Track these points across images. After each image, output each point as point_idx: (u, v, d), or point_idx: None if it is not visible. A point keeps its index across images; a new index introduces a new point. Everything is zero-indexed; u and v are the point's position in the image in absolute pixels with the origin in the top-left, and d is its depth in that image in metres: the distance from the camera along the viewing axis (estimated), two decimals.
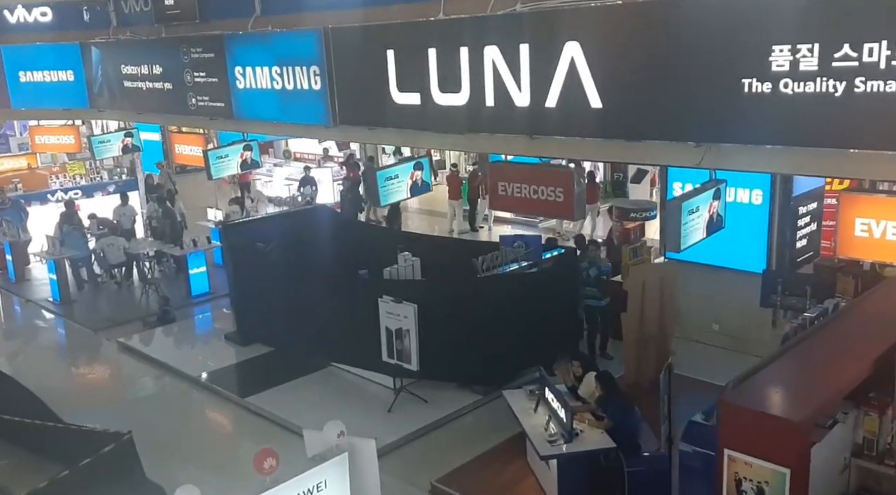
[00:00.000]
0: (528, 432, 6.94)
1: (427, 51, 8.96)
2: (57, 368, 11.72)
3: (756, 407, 4.77)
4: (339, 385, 10.02)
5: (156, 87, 13.71)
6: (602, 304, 10.14)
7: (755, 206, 9.84)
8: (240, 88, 11.87)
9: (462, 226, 18.75)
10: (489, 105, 8.53)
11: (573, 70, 7.63)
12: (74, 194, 18.16)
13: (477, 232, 18.67)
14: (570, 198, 8.22)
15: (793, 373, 5.35)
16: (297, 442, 8.69)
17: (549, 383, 7.23)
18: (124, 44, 14.41)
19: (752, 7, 6.28)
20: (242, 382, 10.38)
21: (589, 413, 6.94)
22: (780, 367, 5.38)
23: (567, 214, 8.87)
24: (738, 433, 4.71)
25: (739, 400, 4.88)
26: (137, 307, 13.65)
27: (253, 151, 13.22)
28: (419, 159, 10.55)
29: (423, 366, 8.94)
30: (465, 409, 9.16)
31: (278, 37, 11.05)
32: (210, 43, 12.16)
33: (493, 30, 8.33)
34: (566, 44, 7.61)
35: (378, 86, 9.61)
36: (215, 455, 8.75)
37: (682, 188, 10.61)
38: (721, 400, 4.90)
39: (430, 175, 11.07)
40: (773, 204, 9.83)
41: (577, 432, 6.67)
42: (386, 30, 9.54)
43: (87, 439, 7.49)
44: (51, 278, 14.34)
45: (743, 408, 4.79)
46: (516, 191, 8.96)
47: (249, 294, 11.66)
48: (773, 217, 9.89)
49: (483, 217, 18.98)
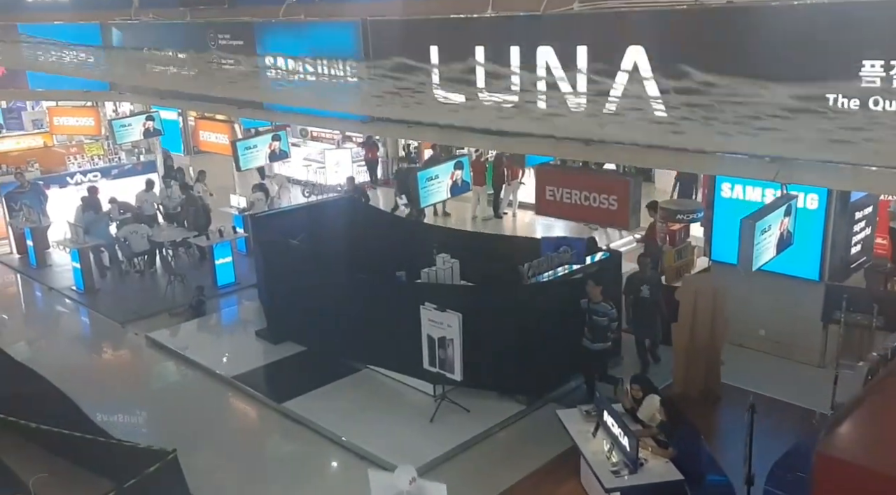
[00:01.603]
0: (589, 459, 6.69)
1: (474, 48, 8.56)
2: (85, 365, 11.50)
3: (859, 461, 4.49)
4: (376, 390, 9.79)
5: (181, 73, 13.30)
6: (595, 347, 8.92)
7: (810, 211, 9.47)
8: (270, 78, 11.47)
9: (486, 212, 18.44)
10: (541, 107, 8.16)
11: (636, 75, 7.25)
12: (94, 176, 17.89)
13: (501, 218, 18.37)
14: (626, 206, 7.89)
15: (892, 418, 5.04)
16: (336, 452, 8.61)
17: (608, 406, 6.97)
18: (147, 26, 13.98)
19: (842, 18, 5.87)
20: (277, 385, 10.16)
21: (651, 439, 6.68)
22: (874, 409, 5.07)
23: (622, 224, 8.54)
24: (839, 490, 4.44)
25: (838, 451, 4.60)
26: (163, 298, 13.41)
27: (282, 141, 12.86)
28: (459, 158, 10.20)
29: (465, 373, 8.72)
30: (509, 421, 8.93)
31: (312, 27, 10.63)
32: (240, 30, 11.73)
33: (547, 29, 7.92)
34: (629, 48, 7.21)
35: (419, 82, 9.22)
36: (258, 468, 8.54)
37: (730, 189, 10.28)
38: (819, 453, 4.62)
39: (470, 174, 10.71)
40: (830, 209, 9.47)
41: (641, 461, 6.42)
42: (429, 24, 9.12)
43: (129, 455, 7.33)
44: (74, 267, 14.10)
45: (844, 462, 4.51)
46: (566, 197, 8.63)
47: (280, 290, 11.40)
48: (828, 222, 9.54)
49: (507, 203, 18.67)
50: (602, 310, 8.71)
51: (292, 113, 11.65)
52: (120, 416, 9.76)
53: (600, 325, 8.72)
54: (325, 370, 10.24)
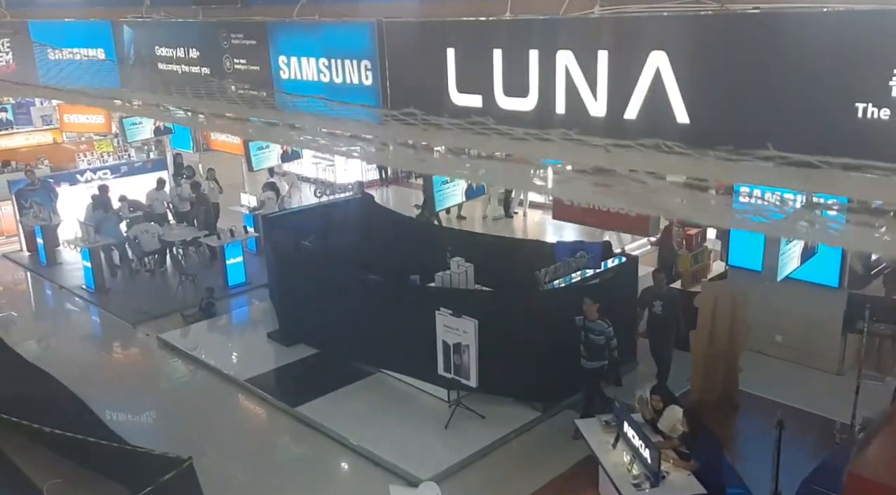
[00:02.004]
0: (610, 471, 6.62)
1: (492, 51, 8.46)
2: (98, 366, 11.46)
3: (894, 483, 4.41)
4: (390, 395, 9.72)
5: (192, 72, 13.23)
6: (591, 365, 8.53)
7: None
8: (283, 78, 11.40)
9: (496, 211, 18.36)
10: (559, 112, 8.06)
11: (658, 81, 7.14)
12: (104, 174, 17.84)
13: (511, 218, 18.29)
14: None
15: None
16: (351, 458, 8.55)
17: (628, 416, 6.90)
18: (159, 24, 13.90)
19: (875, 27, 5.76)
20: (291, 389, 10.09)
21: (673, 450, 6.61)
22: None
23: (642, 231, 8.43)
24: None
25: (871, 472, 4.51)
26: (174, 299, 13.37)
27: None
28: None
29: (481, 380, 8.65)
30: (524, 427, 8.84)
31: (327, 27, 10.55)
32: (252, 29, 11.65)
33: (567, 33, 7.82)
34: (651, 53, 7.11)
35: (436, 85, 9.13)
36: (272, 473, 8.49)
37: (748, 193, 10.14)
38: (851, 473, 4.53)
39: None
40: None
41: (663, 474, 6.34)
42: (446, 26, 9.02)
43: (144, 461, 7.28)
44: (85, 266, 14.07)
45: (877, 484, 4.42)
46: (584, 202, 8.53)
47: (292, 292, 11.35)
48: None
49: (518, 202, 18.58)
50: (598, 328, 8.35)
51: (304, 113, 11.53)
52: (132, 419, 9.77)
53: (596, 344, 8.35)
54: (337, 373, 10.19)
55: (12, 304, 14.20)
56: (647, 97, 7.19)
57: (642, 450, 6.47)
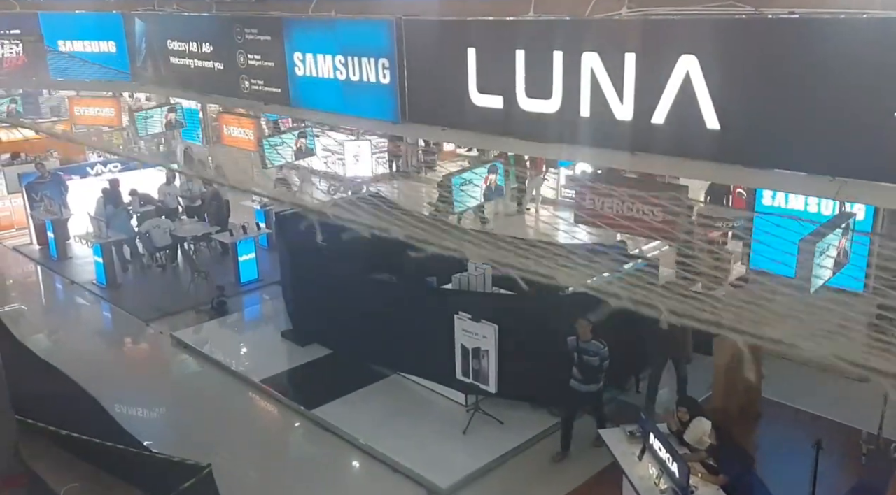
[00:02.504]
0: (636, 484, 6.51)
1: (514, 52, 8.30)
2: (110, 363, 11.37)
3: None
4: (407, 398, 9.63)
5: (205, 66, 13.09)
6: (584, 389, 8.24)
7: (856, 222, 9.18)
8: (298, 75, 11.25)
9: (509, 206, 18.22)
10: (584, 115, 7.91)
11: (687, 86, 6.98)
12: (113, 167, 17.74)
13: (523, 214, 18.15)
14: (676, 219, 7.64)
15: None
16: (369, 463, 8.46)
17: (654, 427, 6.78)
18: (172, 17, 13.75)
19: None
20: (306, 390, 10.01)
21: (700, 464, 6.49)
22: None
23: (670, 237, 8.28)
24: None
25: None
26: (187, 295, 13.28)
27: (308, 139, 12.65)
28: (494, 162, 9.94)
29: (500, 384, 8.54)
30: (544, 433, 8.75)
31: (344, 24, 10.38)
32: (267, 25, 11.50)
33: (593, 35, 7.65)
34: (681, 57, 6.94)
35: (455, 85, 8.97)
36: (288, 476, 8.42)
37: (772, 196, 9.99)
38: None
39: (504, 179, 10.45)
40: (877, 218, 9.18)
41: (691, 489, 6.23)
42: (467, 25, 8.86)
43: (163, 467, 7.22)
44: (96, 261, 13.99)
45: None
46: (607, 206, 8.39)
47: (306, 291, 11.26)
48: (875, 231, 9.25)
49: (530, 198, 18.45)
50: (593, 349, 8.04)
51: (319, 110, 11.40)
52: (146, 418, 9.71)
53: (591, 365, 8.05)
54: (353, 375, 10.10)
55: (23, 298, 14.13)
56: (676, 102, 7.04)
57: (669, 463, 6.36)
